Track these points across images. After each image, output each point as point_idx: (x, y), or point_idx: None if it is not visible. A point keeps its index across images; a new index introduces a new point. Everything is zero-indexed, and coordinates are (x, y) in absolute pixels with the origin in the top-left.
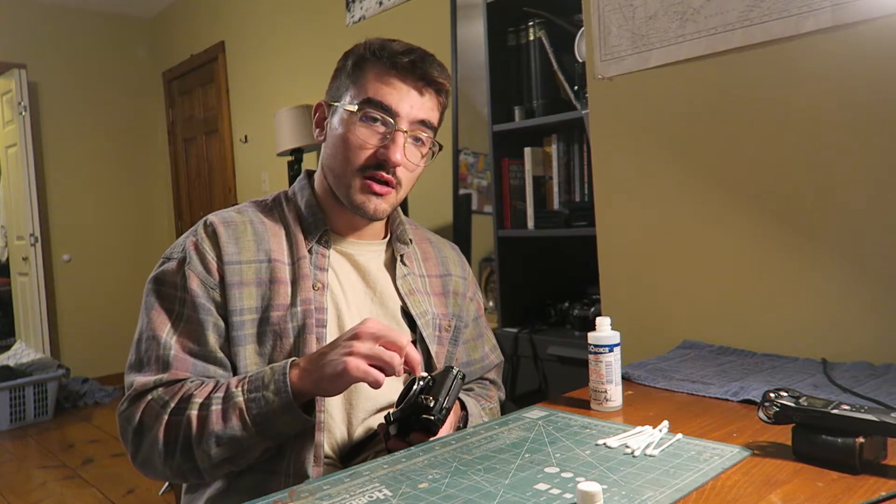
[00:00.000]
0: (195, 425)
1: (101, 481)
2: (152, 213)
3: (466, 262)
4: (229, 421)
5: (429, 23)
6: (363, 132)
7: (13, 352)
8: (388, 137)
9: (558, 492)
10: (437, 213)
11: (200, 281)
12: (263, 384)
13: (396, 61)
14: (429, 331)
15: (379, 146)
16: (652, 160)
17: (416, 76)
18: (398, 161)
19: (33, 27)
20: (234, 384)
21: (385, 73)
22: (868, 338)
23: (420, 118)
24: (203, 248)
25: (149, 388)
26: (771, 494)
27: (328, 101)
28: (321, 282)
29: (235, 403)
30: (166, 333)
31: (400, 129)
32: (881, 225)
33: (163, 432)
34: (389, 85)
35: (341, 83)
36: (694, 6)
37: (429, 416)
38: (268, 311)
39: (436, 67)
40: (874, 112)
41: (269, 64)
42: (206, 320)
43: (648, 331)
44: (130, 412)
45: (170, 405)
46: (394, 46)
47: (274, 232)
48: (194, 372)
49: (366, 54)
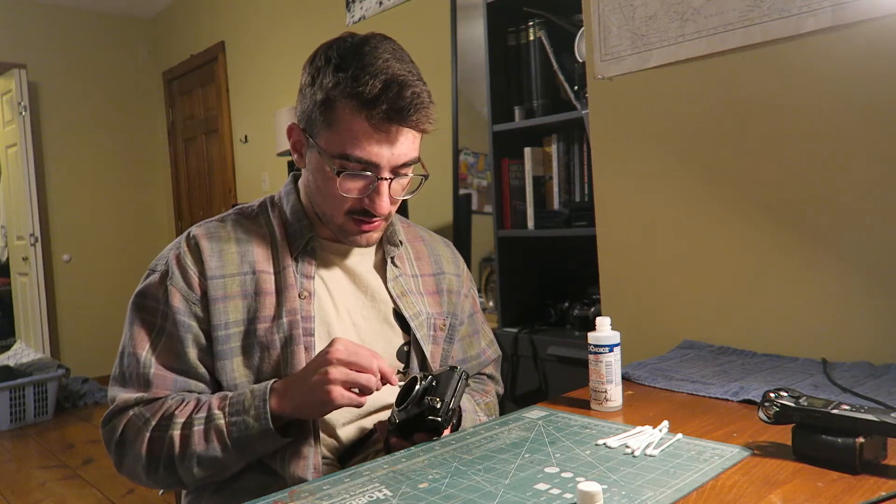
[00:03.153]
0: (178, 444)
1: (101, 481)
2: (152, 213)
3: (461, 258)
4: (211, 442)
5: (429, 23)
6: (345, 185)
7: (13, 352)
8: (371, 187)
9: (558, 492)
10: (437, 213)
11: (182, 296)
12: (244, 408)
13: (370, 114)
14: (423, 331)
15: (363, 196)
16: (652, 160)
17: (393, 123)
18: (385, 211)
19: (33, 27)
20: (216, 405)
21: (358, 129)
22: (868, 338)
23: (401, 163)
24: (185, 262)
25: (130, 405)
26: (771, 494)
27: (302, 129)
28: (307, 290)
29: (217, 426)
30: (146, 351)
31: (383, 178)
32: (881, 225)
33: (145, 449)
34: (367, 140)
35: (313, 115)
36: (694, 6)
37: (435, 418)
38: (254, 324)
39: (416, 110)
40: (874, 112)
41: (269, 64)
42: (186, 337)
43: (648, 331)
44: (113, 426)
45: (151, 423)
46: (365, 89)
47: (258, 241)
48: (175, 388)
49: (332, 94)
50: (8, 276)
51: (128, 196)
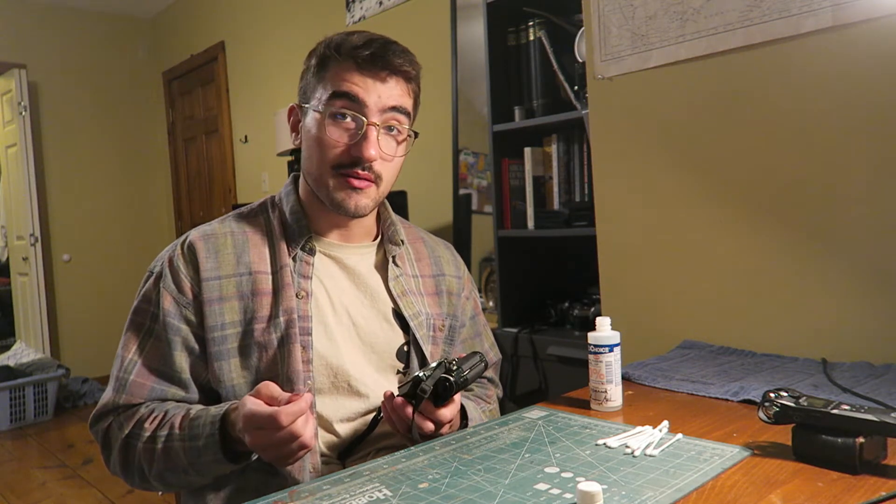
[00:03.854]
0: (143, 458)
1: (101, 481)
2: (152, 213)
3: (462, 261)
4: (171, 460)
5: (429, 23)
6: (334, 131)
7: (13, 352)
8: (359, 133)
9: (558, 492)
10: (437, 213)
11: (173, 299)
12: (199, 433)
13: (357, 55)
14: (422, 332)
15: (351, 143)
16: (652, 160)
17: (377, 66)
18: (372, 156)
19: (33, 27)
20: (178, 423)
21: (347, 69)
22: (868, 338)
23: (390, 105)
24: (178, 264)
25: (109, 409)
26: (771, 494)
27: (299, 104)
28: (304, 290)
29: (174, 447)
30: (132, 353)
31: (371, 123)
32: (882, 224)
33: (120, 458)
34: (353, 80)
35: (308, 83)
36: (694, 6)
37: (448, 377)
38: (251, 324)
39: (398, 55)
40: (874, 112)
41: (269, 64)
42: (174, 339)
43: (648, 331)
44: (96, 430)
45: (124, 431)
46: (353, 40)
47: (255, 242)
48: (150, 396)
49: (327, 52)
50: (8, 276)
51: (128, 196)
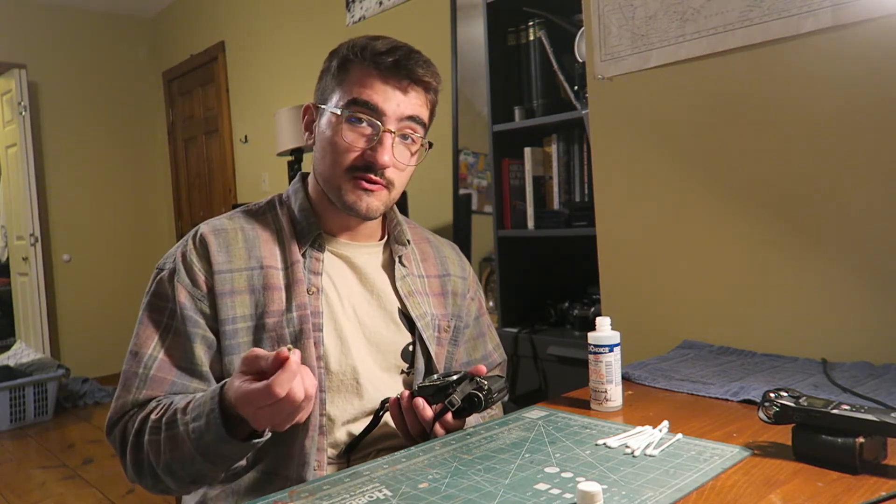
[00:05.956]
0: (151, 451)
1: (101, 481)
2: (152, 213)
3: (467, 261)
4: (177, 448)
5: (429, 23)
6: (350, 135)
7: (13, 352)
8: (375, 139)
9: (558, 492)
10: (437, 213)
11: (188, 293)
12: (201, 412)
13: (380, 61)
14: (428, 332)
15: (366, 148)
16: (652, 160)
17: (400, 76)
18: (386, 163)
19: (33, 27)
20: (181, 408)
21: (369, 74)
22: (868, 338)
23: (407, 114)
24: (191, 259)
25: (126, 410)
26: (771, 494)
27: (315, 104)
28: (315, 286)
29: (179, 433)
30: (152, 348)
31: (387, 130)
32: (882, 224)
33: (131, 456)
34: (373, 86)
35: (327, 85)
36: (694, 6)
37: (479, 393)
38: (263, 318)
39: (421, 65)
40: (874, 112)
41: (269, 64)
42: (194, 333)
43: (648, 331)
44: (112, 438)
45: (134, 428)
46: (377, 46)
47: (265, 238)
48: (170, 390)
49: (349, 55)
50: (8, 276)
51: (128, 196)
